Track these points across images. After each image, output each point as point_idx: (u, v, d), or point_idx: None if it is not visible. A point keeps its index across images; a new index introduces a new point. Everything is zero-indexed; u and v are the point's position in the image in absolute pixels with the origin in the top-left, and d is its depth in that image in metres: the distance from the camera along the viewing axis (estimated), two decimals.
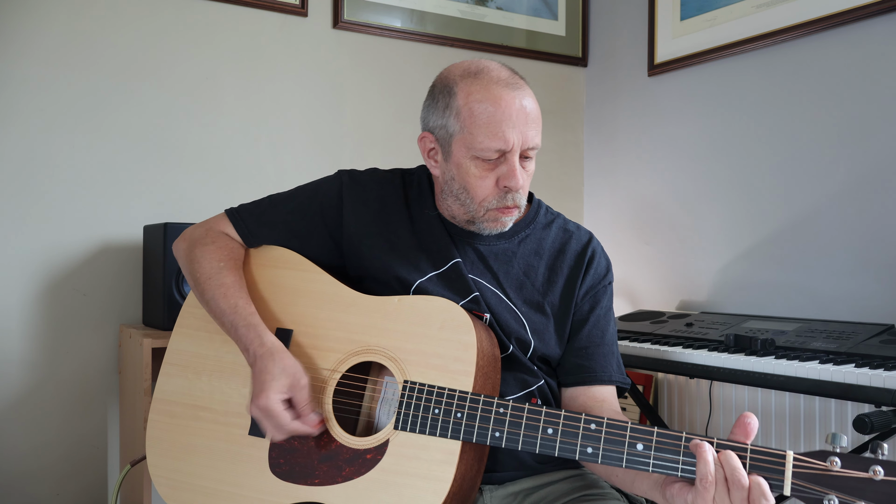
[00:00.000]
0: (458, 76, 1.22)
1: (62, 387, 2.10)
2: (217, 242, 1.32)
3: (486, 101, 1.18)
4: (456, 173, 1.23)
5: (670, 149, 2.61)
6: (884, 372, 1.50)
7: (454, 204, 1.26)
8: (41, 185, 2.06)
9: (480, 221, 1.25)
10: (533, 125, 1.20)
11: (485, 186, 1.21)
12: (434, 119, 1.25)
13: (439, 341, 1.16)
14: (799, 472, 0.93)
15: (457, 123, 1.20)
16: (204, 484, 1.21)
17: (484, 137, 1.17)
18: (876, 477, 0.89)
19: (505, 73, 1.22)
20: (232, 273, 1.28)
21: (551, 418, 1.06)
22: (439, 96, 1.24)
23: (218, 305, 1.24)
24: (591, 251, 1.33)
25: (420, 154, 1.31)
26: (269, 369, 1.14)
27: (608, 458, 1.02)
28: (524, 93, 1.20)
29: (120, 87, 2.15)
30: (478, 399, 1.10)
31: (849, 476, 0.91)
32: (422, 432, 1.11)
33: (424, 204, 1.33)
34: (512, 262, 1.30)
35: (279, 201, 1.37)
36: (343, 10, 2.44)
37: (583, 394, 1.27)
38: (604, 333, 1.30)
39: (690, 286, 2.52)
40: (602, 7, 2.90)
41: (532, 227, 1.33)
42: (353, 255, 1.31)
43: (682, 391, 2.38)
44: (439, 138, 1.24)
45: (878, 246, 2.00)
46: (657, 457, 0.99)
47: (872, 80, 2.03)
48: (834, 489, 0.90)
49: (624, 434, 1.02)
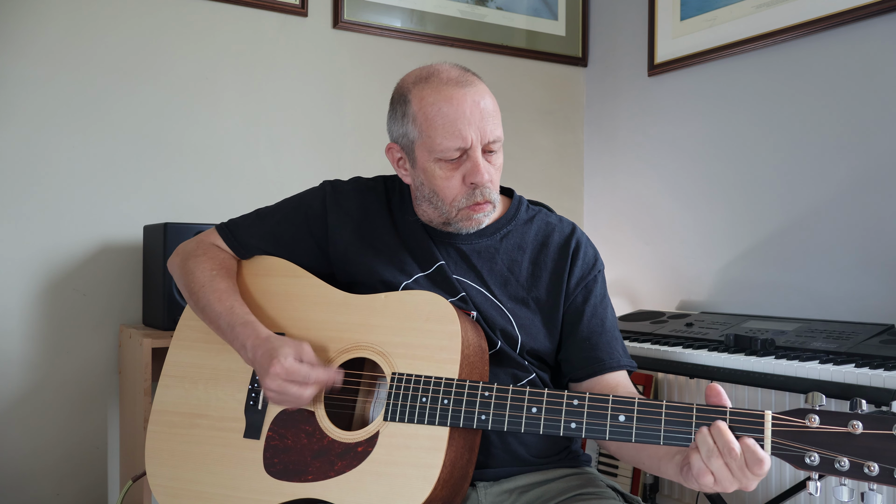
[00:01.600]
0: (410, 83, 1.25)
1: (62, 387, 2.10)
2: (208, 253, 1.36)
3: (439, 103, 1.19)
4: (424, 178, 1.25)
5: (670, 149, 2.61)
6: (884, 372, 1.50)
7: (428, 208, 1.29)
8: (41, 186, 2.06)
9: (455, 222, 1.26)
10: (489, 118, 1.21)
11: (452, 186, 1.23)
12: (396, 129, 1.27)
13: (425, 332, 1.17)
14: (778, 430, 0.93)
15: (415, 129, 1.22)
16: (201, 489, 1.23)
17: (442, 139, 1.19)
18: (855, 431, 0.89)
19: (455, 72, 1.23)
20: (225, 280, 1.31)
21: (535, 397, 1.08)
22: (397, 106, 1.26)
23: (213, 310, 1.26)
24: (574, 242, 1.33)
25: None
26: (272, 345, 1.16)
27: (592, 432, 1.04)
28: (476, 89, 1.22)
29: (120, 87, 2.15)
30: (463, 384, 1.12)
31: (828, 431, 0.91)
32: (410, 421, 1.12)
33: (406, 209, 1.35)
34: (495, 258, 1.31)
35: (266, 214, 1.40)
36: (343, 10, 2.44)
37: (597, 384, 1.28)
38: (603, 321, 1.31)
39: (690, 286, 2.52)
40: (602, 7, 2.90)
41: (513, 223, 1.34)
42: (340, 261, 1.33)
43: (682, 391, 2.38)
44: (403, 147, 1.27)
45: (878, 246, 2.00)
46: (640, 427, 1.01)
47: (872, 80, 2.03)
48: (814, 446, 0.91)
49: (605, 406, 1.03)
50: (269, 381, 1.14)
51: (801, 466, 0.91)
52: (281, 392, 1.14)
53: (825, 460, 0.90)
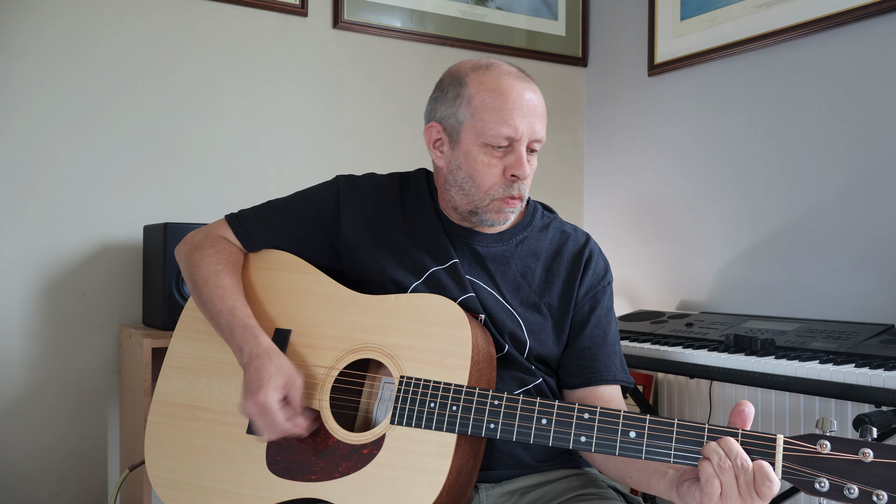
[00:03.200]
0: (468, 69, 1.26)
1: (62, 387, 2.10)
2: (216, 246, 1.34)
3: (498, 90, 1.21)
4: (463, 161, 1.25)
5: (670, 149, 2.61)
6: (884, 372, 1.50)
7: (458, 195, 1.27)
8: (41, 185, 2.06)
9: (484, 212, 1.26)
10: (540, 119, 1.23)
11: (492, 175, 1.23)
12: (443, 109, 1.27)
13: (435, 337, 1.17)
14: (789, 454, 0.93)
15: (467, 111, 1.23)
16: (202, 483, 1.22)
17: (494, 123, 1.20)
18: (865, 459, 0.90)
19: (514, 69, 1.27)
20: (229, 276, 1.30)
21: (545, 408, 1.07)
22: (449, 87, 1.26)
23: (215, 307, 1.26)
24: (588, 252, 1.34)
25: (424, 149, 1.33)
26: (265, 367, 1.16)
27: (601, 447, 1.03)
28: (533, 87, 1.25)
29: (120, 87, 2.15)
30: (472, 392, 1.11)
31: (839, 458, 0.91)
32: (417, 426, 1.12)
33: (422, 205, 1.34)
34: (509, 263, 1.31)
35: (277, 207, 1.39)
36: (343, 10, 2.44)
37: (589, 395, 1.28)
38: (605, 333, 1.31)
39: (690, 286, 2.52)
40: (602, 7, 2.90)
41: (529, 229, 1.35)
42: (350, 258, 1.32)
43: (682, 391, 2.38)
44: (447, 127, 1.26)
45: (878, 246, 2.00)
46: (650, 444, 1.00)
47: (872, 80, 2.03)
48: (824, 472, 0.91)
49: (617, 422, 1.03)
50: (246, 401, 1.15)
51: (811, 492, 0.92)
52: (250, 417, 1.16)
53: (835, 487, 0.90)
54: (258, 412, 1.14)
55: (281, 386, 1.14)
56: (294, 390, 1.16)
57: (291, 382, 1.16)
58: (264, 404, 1.13)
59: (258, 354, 1.17)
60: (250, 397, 1.14)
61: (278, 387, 1.14)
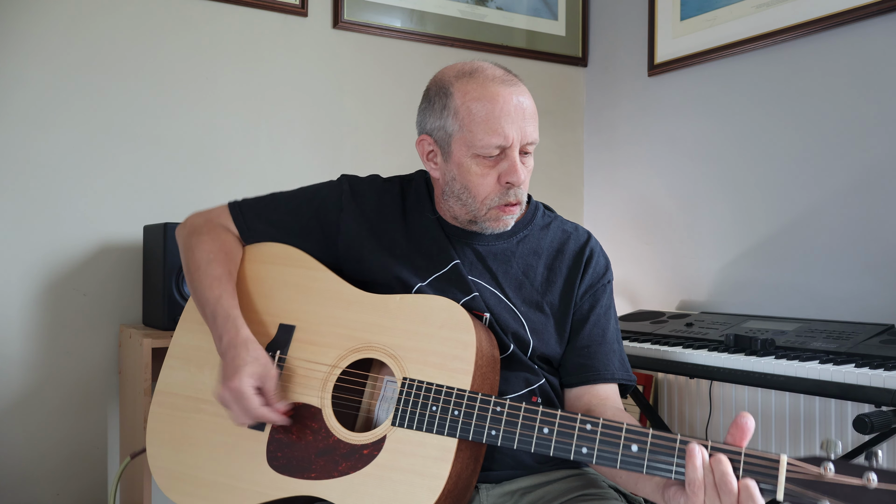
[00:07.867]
0: (452, 77, 1.24)
1: (62, 387, 2.10)
2: (213, 234, 1.35)
3: (484, 99, 1.19)
4: (457, 173, 1.24)
5: (670, 149, 2.61)
6: (884, 372, 1.50)
7: (455, 205, 1.27)
8: (41, 185, 2.06)
9: (483, 221, 1.26)
10: (530, 120, 1.21)
11: (486, 184, 1.22)
12: (431, 121, 1.26)
13: (439, 340, 1.16)
14: (792, 477, 0.92)
15: (455, 123, 1.21)
16: (202, 475, 1.22)
17: (483, 134, 1.19)
18: (870, 485, 0.88)
19: (499, 71, 1.24)
20: (221, 265, 1.30)
21: (547, 418, 1.06)
22: (435, 98, 1.25)
23: (203, 295, 1.27)
24: (589, 250, 1.33)
25: (419, 156, 1.32)
26: (241, 356, 1.17)
27: (603, 459, 1.02)
28: (520, 89, 1.22)
29: (121, 87, 2.15)
30: (475, 397, 1.10)
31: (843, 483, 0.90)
32: (419, 429, 1.11)
33: (423, 209, 1.34)
34: (511, 261, 1.30)
35: (281, 200, 1.39)
36: (343, 10, 2.44)
37: (586, 393, 1.28)
38: (605, 332, 1.31)
39: (690, 286, 2.52)
40: (602, 7, 2.90)
41: (530, 227, 1.34)
42: (353, 260, 1.32)
43: (682, 391, 2.38)
44: (438, 140, 1.25)
45: (878, 246, 2.00)
46: (651, 458, 0.99)
47: (872, 80, 2.03)
48: (827, 495, 0.90)
49: (619, 435, 1.02)
50: (222, 389, 1.16)
51: None
52: (225, 404, 1.17)
53: None
54: (233, 398, 1.15)
55: (256, 374, 1.16)
56: (268, 381, 1.17)
57: (266, 373, 1.17)
58: (238, 390, 1.14)
59: (235, 344, 1.19)
60: (224, 384, 1.16)
61: (253, 374, 1.15)
